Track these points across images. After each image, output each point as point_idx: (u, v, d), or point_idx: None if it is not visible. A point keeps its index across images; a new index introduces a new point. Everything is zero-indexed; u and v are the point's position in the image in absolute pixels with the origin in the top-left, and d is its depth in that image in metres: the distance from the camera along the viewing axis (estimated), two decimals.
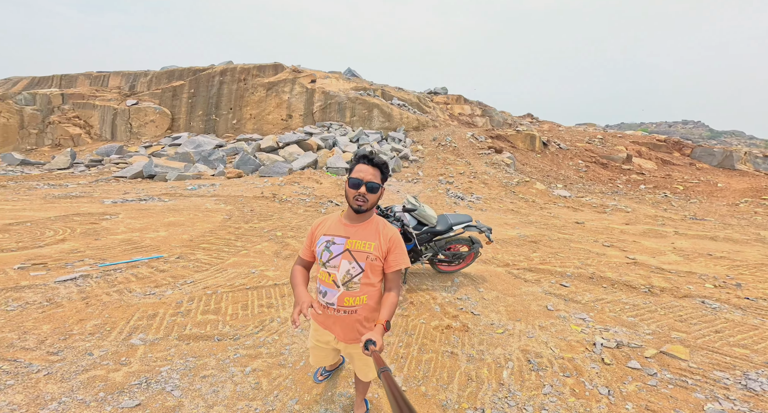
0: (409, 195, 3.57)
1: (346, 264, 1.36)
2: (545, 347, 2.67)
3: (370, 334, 1.19)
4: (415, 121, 17.75)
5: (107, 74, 20.20)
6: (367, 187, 1.32)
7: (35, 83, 20.02)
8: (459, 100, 23.90)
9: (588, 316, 3.20)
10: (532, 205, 9.67)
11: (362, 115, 17.46)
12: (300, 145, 12.98)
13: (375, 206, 1.45)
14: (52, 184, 9.58)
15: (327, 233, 1.42)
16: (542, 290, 3.78)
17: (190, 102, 18.60)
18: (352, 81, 20.42)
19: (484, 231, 3.77)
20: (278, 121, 17.91)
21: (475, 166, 13.13)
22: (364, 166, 1.34)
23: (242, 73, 18.80)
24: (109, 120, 17.76)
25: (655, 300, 3.60)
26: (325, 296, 1.40)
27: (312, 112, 17.90)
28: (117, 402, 1.68)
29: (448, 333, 2.77)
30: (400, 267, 1.40)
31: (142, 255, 3.85)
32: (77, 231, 4.68)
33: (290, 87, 18.31)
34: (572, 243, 5.86)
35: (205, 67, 19.48)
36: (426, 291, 3.51)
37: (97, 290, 2.91)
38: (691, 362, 2.48)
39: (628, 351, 2.61)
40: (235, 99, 18.48)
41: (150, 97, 18.75)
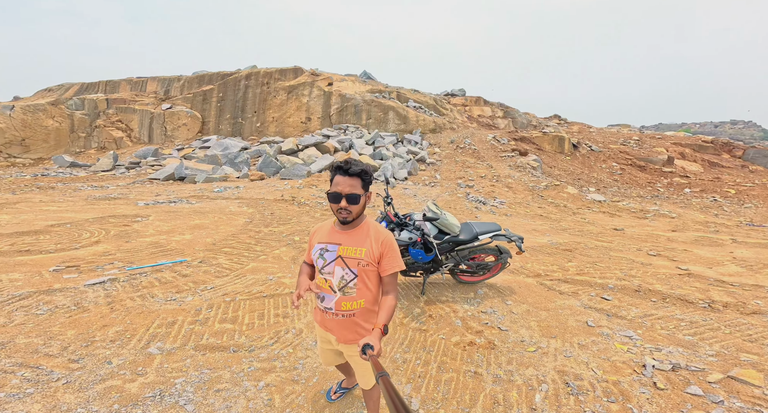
0: (429, 202, 3.39)
1: (339, 270, 1.38)
2: (586, 368, 2.41)
3: (367, 338, 1.18)
4: (431, 124, 17.57)
5: (145, 79, 21.44)
6: (347, 198, 1.31)
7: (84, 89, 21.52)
8: (478, 102, 23.43)
9: (635, 334, 2.89)
10: (563, 210, 9.16)
11: (378, 117, 17.49)
12: (318, 147, 13.12)
13: (361, 214, 1.42)
14: (94, 186, 10.22)
15: (321, 241, 1.44)
16: (580, 304, 3.47)
17: (218, 105, 19.32)
18: (367, 83, 20.57)
19: (514, 241, 3.49)
20: (298, 124, 18.26)
21: (497, 169, 12.70)
22: (341, 177, 1.32)
23: (265, 76, 19.36)
24: (146, 123, 18.80)
25: (717, 316, 3.21)
26: (323, 301, 1.43)
27: (329, 114, 18.12)
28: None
29: (471, 350, 2.57)
30: (395, 270, 1.40)
31: (167, 259, 3.93)
32: (111, 233, 4.88)
33: (309, 90, 18.63)
34: (612, 251, 5.43)
35: (232, 72, 20.20)
36: (446, 303, 3.30)
37: (123, 294, 2.97)
38: (766, 389, 2.14)
39: (687, 375, 2.29)
40: (259, 102, 19.01)
41: (183, 101, 19.66)
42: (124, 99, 19.68)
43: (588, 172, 14.44)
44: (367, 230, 1.42)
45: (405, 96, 19.76)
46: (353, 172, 1.32)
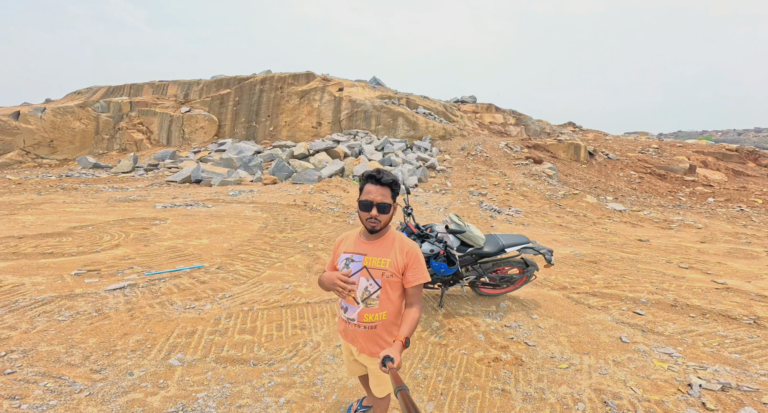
0: (451, 214, 3.28)
1: (364, 281, 1.37)
2: (624, 386, 2.26)
3: (387, 351, 1.16)
4: (441, 130, 17.55)
5: (167, 83, 22.01)
6: (378, 208, 1.32)
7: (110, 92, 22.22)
8: (490, 109, 23.31)
9: (675, 351, 2.72)
10: (583, 219, 8.90)
11: (387, 123, 17.57)
12: (328, 152, 13.17)
13: (388, 224, 1.41)
14: (115, 187, 10.45)
15: (347, 251, 1.43)
16: (611, 318, 3.30)
17: (234, 109, 19.69)
18: (377, 89, 20.73)
19: (542, 253, 3.34)
20: (309, 128, 18.46)
21: (511, 177, 12.50)
22: (373, 186, 1.33)
23: (279, 81, 19.66)
24: (166, 126, 19.25)
25: (764, 333, 3.01)
26: (346, 312, 1.42)
27: (339, 119, 18.28)
28: None
29: (496, 366, 2.44)
30: (420, 282, 1.38)
31: (185, 264, 3.92)
32: (130, 236, 4.93)
33: (320, 95, 18.85)
34: (640, 263, 5.20)
35: (248, 76, 20.57)
36: (466, 316, 3.17)
37: (142, 301, 2.95)
38: None
39: (739, 395, 2.13)
40: (273, 106, 19.30)
41: (201, 105, 20.10)
42: (146, 102, 20.23)
43: (605, 181, 14.09)
44: (392, 240, 1.41)
45: (414, 102, 19.82)
46: (385, 181, 1.32)
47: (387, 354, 1.13)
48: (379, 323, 1.40)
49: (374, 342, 1.42)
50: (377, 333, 1.41)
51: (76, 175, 13.51)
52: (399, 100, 19.42)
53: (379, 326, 1.40)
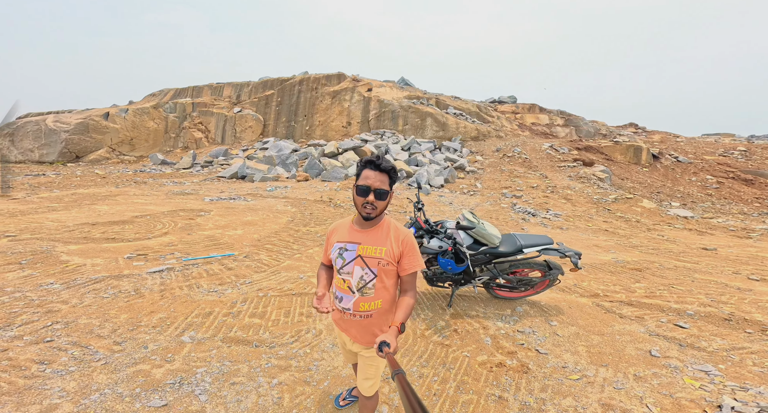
0: (465, 210, 3.16)
1: (359, 270, 1.36)
2: (638, 403, 2.04)
3: (384, 336, 1.16)
4: (474, 131, 16.96)
5: (222, 85, 23.86)
6: (375, 193, 1.29)
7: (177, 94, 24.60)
8: (533, 109, 21.91)
9: (715, 369, 2.38)
10: (635, 225, 8.05)
11: (415, 123, 17.35)
12: (356, 151, 13.38)
13: (382, 212, 1.39)
14: (175, 182, 11.70)
15: (340, 240, 1.41)
16: (645, 330, 2.97)
17: (277, 109, 20.80)
18: (405, 90, 20.58)
19: (569, 256, 3.07)
20: (340, 128, 18.88)
21: (553, 179, 11.68)
22: (371, 171, 1.30)
23: (314, 82, 20.39)
24: (221, 125, 20.94)
25: None
26: (341, 301, 1.42)
27: (368, 119, 18.45)
28: (147, 400, 1.78)
29: (498, 372, 2.31)
30: (415, 270, 1.38)
31: (218, 252, 4.30)
32: (178, 225, 5.51)
33: (350, 95, 19.17)
34: (697, 273, 4.58)
35: (288, 78, 21.59)
36: (475, 318, 3.04)
37: (174, 283, 3.30)
38: None
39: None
40: (308, 106, 20.05)
41: (250, 105, 21.53)
42: (206, 103, 22.16)
43: (671, 185, 12.54)
44: (387, 229, 1.39)
45: (444, 102, 19.40)
46: (384, 167, 1.30)
47: (383, 339, 1.14)
48: (375, 311, 1.40)
49: (369, 331, 1.42)
50: (373, 321, 1.41)
51: (147, 170, 15.34)
52: (428, 100, 19.12)
53: (374, 314, 1.40)
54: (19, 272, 3.29)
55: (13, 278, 3.14)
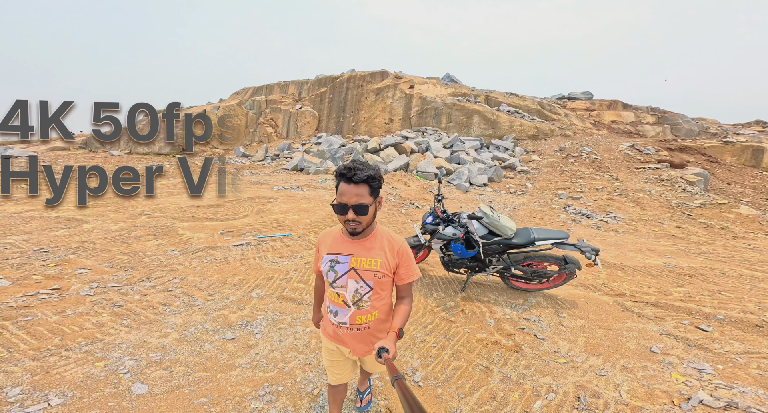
0: (483, 204, 3.48)
1: (353, 283, 1.31)
2: (613, 390, 2.23)
3: (382, 342, 1.15)
4: (532, 129, 15.95)
5: (288, 83, 25.95)
6: (354, 210, 1.20)
7: (255, 92, 27.50)
8: (614, 106, 19.77)
9: (711, 368, 2.44)
10: (717, 232, 7.18)
11: (460, 121, 16.91)
12: (396, 147, 13.65)
13: (372, 223, 1.34)
14: (252, 172, 13.60)
15: (330, 251, 1.36)
16: (659, 329, 3.02)
17: (329, 106, 22.03)
18: (450, 87, 19.98)
19: (583, 251, 3.22)
20: (382, 124, 19.31)
21: (626, 181, 10.64)
22: (345, 185, 1.20)
23: (360, 80, 21.05)
24: (286, 121, 22.92)
25: None
26: (336, 316, 1.38)
27: (410, 116, 18.47)
28: (222, 334, 2.61)
29: (492, 348, 2.67)
30: (412, 280, 1.36)
31: (281, 232, 5.30)
32: (254, 209, 6.74)
33: (392, 92, 19.38)
34: (762, 282, 4.18)
35: (338, 75, 22.61)
36: (485, 303, 3.38)
37: (250, 254, 4.31)
38: None
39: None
40: (355, 103, 20.80)
41: (308, 102, 23.15)
42: (275, 100, 24.44)
43: None
44: (380, 238, 1.34)
45: (496, 100, 18.53)
46: (359, 178, 1.18)
47: (382, 346, 1.13)
48: (372, 323, 1.39)
49: (367, 341, 1.42)
50: (370, 332, 1.41)
51: (232, 162, 17.89)
52: (476, 97, 18.45)
53: (371, 325, 1.40)
54: (154, 241, 4.62)
55: (151, 245, 4.45)
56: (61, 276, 3.34)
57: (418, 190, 9.61)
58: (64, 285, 3.15)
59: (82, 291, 3.09)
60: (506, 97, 19.34)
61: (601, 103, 20.32)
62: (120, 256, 3.97)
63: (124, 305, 2.93)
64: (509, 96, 19.93)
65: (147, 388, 2.01)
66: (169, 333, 2.59)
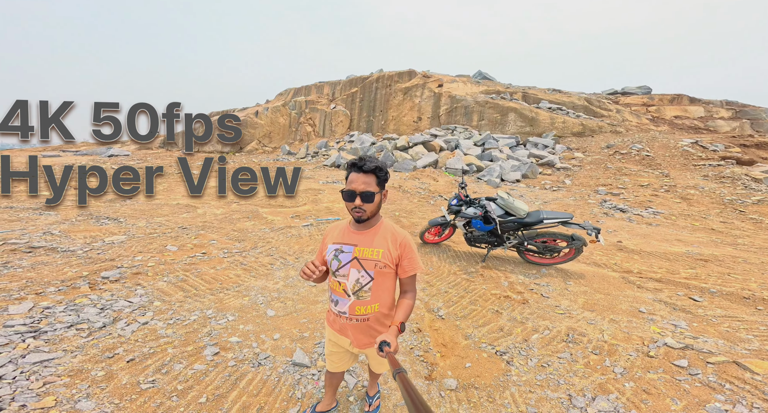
0: (500, 190, 4.23)
1: (355, 273, 1.35)
2: (597, 332, 2.77)
3: (384, 336, 1.18)
4: (577, 126, 15.63)
5: (323, 84, 27.13)
6: (361, 197, 1.29)
7: (296, 93, 28.87)
8: (678, 100, 18.67)
9: (687, 324, 2.95)
10: (765, 228, 7.09)
11: (493, 118, 16.90)
12: (425, 145, 14.15)
13: (376, 213, 1.40)
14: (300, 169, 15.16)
15: (335, 241, 1.42)
16: (653, 297, 3.54)
17: (359, 105, 22.91)
18: (481, 84, 19.94)
19: (586, 228, 3.86)
20: (410, 123, 19.79)
21: (676, 178, 10.43)
22: (355, 174, 1.30)
23: (388, 79, 21.66)
24: (322, 120, 24.09)
25: None
26: (336, 305, 1.42)
27: (438, 114, 18.77)
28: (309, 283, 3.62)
29: (504, 300, 3.36)
30: (414, 272, 1.39)
31: (332, 217, 6.37)
32: (310, 199, 7.90)
33: (420, 91, 19.74)
34: None
35: (368, 76, 23.37)
36: (502, 271, 4.08)
37: (314, 232, 5.36)
38: (762, 378, 2.19)
39: (690, 354, 2.47)
40: (383, 102, 21.45)
41: (341, 102, 24.16)
42: (313, 100, 25.68)
43: None
44: (384, 231, 1.39)
45: (535, 96, 18.32)
46: (367, 168, 1.29)
47: (384, 339, 1.15)
48: (372, 315, 1.41)
49: (367, 333, 1.44)
50: (370, 325, 1.42)
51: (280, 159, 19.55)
52: (511, 94, 18.33)
53: (371, 318, 1.41)
54: (248, 222, 5.85)
55: (248, 225, 5.67)
56: (202, 244, 4.56)
57: (446, 185, 10.26)
58: (207, 251, 4.33)
59: (220, 254, 4.25)
60: (547, 94, 19.05)
61: (661, 98, 19.29)
62: (232, 232, 5.20)
63: (247, 264, 4.03)
64: (551, 92, 19.59)
65: (274, 312, 3.02)
66: (279, 281, 3.64)
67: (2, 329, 2.35)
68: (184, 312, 2.85)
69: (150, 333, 2.52)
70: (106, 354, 2.25)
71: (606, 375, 2.32)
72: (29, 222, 5.14)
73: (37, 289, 2.95)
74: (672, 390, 2.14)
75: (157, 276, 3.47)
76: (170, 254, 4.10)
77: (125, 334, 2.47)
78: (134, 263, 3.71)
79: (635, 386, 2.20)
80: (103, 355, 2.23)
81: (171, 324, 2.66)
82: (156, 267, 3.66)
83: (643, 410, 2.00)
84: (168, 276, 3.47)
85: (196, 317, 2.79)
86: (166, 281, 3.38)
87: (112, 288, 3.14)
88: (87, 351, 2.26)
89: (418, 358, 2.51)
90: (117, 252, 4.03)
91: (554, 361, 2.47)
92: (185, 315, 2.80)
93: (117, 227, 5.10)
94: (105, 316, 2.66)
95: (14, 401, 1.78)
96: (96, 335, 2.44)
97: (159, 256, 3.99)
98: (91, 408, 1.82)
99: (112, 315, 2.68)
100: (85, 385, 1.97)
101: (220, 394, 2.00)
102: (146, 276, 3.44)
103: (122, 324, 2.59)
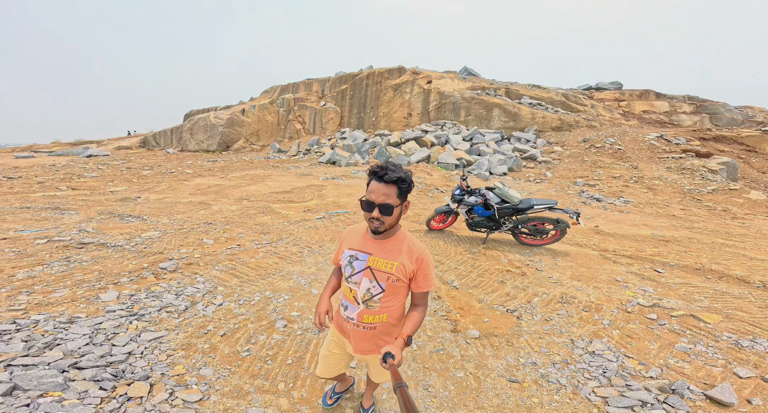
0: (496, 180, 4.92)
1: (366, 282, 1.34)
2: (585, 296, 3.51)
3: (389, 347, 1.17)
4: (555, 121, 16.53)
5: (312, 81, 26.93)
6: (380, 209, 1.25)
7: (283, 90, 28.36)
8: (645, 96, 19.81)
9: (653, 289, 3.69)
10: (718, 214, 8.15)
11: (479, 114, 17.58)
12: (417, 141, 14.75)
13: (395, 224, 1.35)
14: (294, 166, 15.22)
15: (351, 247, 1.41)
16: (626, 269, 4.30)
17: (350, 102, 23.08)
18: (468, 80, 20.59)
19: (569, 213, 4.62)
20: (401, 119, 20.29)
21: (644, 170, 11.55)
22: (376, 184, 1.25)
23: (378, 76, 21.95)
24: (312, 118, 24.02)
25: (759, 293, 3.62)
26: (346, 310, 1.43)
27: (428, 111, 19.30)
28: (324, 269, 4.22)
29: (506, 273, 4.05)
30: (429, 289, 1.36)
31: (341, 209, 6.90)
32: (315, 194, 8.35)
33: (410, 88, 20.19)
34: (727, 247, 5.37)
35: (357, 72, 23.56)
36: (501, 251, 4.79)
37: (327, 224, 5.87)
38: (713, 326, 2.94)
39: (658, 310, 3.22)
40: (374, 99, 21.74)
41: (331, 99, 24.20)
42: (302, 98, 25.48)
43: None
44: (401, 242, 1.36)
45: (517, 92, 19.12)
46: (389, 178, 1.22)
47: (388, 351, 1.14)
48: (379, 324, 1.39)
49: (371, 342, 1.43)
50: (376, 333, 1.41)
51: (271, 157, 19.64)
52: (496, 90, 19.09)
53: (378, 327, 1.40)
54: (265, 217, 6.24)
55: (267, 219, 6.07)
56: (232, 238, 4.94)
57: (440, 179, 10.94)
58: (241, 243, 4.72)
59: (253, 245, 4.65)
60: (528, 90, 19.90)
61: (631, 93, 20.40)
62: (255, 226, 5.60)
63: (279, 253, 4.48)
64: (531, 88, 20.45)
65: (317, 291, 3.52)
66: (311, 266, 4.14)
67: (107, 314, 2.75)
68: (247, 294, 3.33)
69: (228, 313, 2.98)
70: (201, 330, 2.69)
71: (597, 325, 3.02)
72: (56, 221, 5.39)
73: (112, 280, 3.35)
74: (648, 335, 2.87)
75: (207, 266, 3.91)
76: (209, 247, 4.53)
77: (208, 314, 2.93)
78: (182, 255, 4.13)
79: (620, 333, 2.91)
80: (199, 332, 2.67)
81: (241, 304, 3.14)
82: (203, 258, 4.09)
83: (630, 349, 2.70)
84: (218, 266, 3.92)
85: (258, 298, 3.28)
86: (219, 270, 3.83)
87: (174, 277, 3.56)
88: (184, 329, 2.69)
89: (442, 318, 3.12)
90: (161, 246, 4.42)
91: (554, 317, 3.16)
92: (249, 297, 3.28)
93: (144, 224, 5.42)
94: (183, 300, 3.09)
95: (153, 370, 2.20)
96: (185, 316, 2.87)
97: (200, 249, 4.41)
98: (211, 373, 2.24)
99: (189, 300, 3.12)
100: (198, 356, 2.39)
101: (299, 356, 2.50)
102: (198, 266, 3.87)
103: (201, 306, 3.03)
